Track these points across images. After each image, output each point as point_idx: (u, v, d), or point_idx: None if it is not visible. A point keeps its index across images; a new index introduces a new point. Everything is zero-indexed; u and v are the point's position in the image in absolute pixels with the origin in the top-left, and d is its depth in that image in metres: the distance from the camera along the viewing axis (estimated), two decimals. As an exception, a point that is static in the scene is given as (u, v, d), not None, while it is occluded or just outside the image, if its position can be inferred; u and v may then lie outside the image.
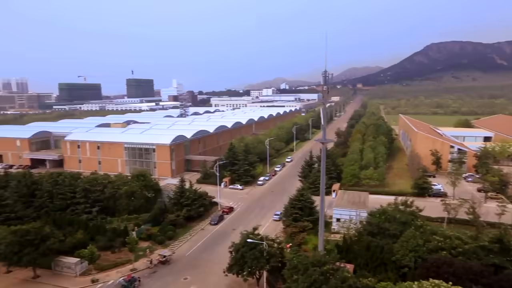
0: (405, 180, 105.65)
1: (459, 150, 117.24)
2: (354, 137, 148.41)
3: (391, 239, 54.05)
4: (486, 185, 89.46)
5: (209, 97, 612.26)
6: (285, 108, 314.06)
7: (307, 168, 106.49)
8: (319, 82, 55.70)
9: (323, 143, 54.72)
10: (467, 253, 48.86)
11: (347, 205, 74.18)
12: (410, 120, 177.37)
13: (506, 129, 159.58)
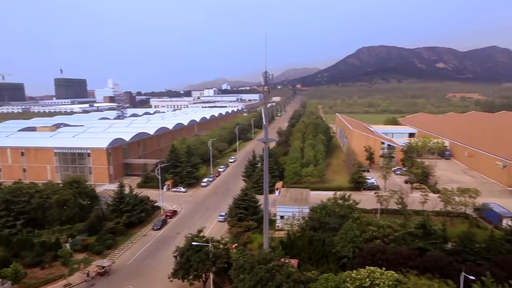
0: (343, 176, 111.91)
1: (388, 146, 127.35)
2: (294, 136, 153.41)
3: (331, 232, 56.85)
4: (412, 177, 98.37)
5: (148, 98, 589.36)
6: (227, 109, 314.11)
7: (251, 167, 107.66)
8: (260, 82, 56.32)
9: (265, 143, 55.69)
10: (397, 239, 53.25)
11: (290, 202, 76.41)
12: (345, 119, 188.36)
13: (426, 126, 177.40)
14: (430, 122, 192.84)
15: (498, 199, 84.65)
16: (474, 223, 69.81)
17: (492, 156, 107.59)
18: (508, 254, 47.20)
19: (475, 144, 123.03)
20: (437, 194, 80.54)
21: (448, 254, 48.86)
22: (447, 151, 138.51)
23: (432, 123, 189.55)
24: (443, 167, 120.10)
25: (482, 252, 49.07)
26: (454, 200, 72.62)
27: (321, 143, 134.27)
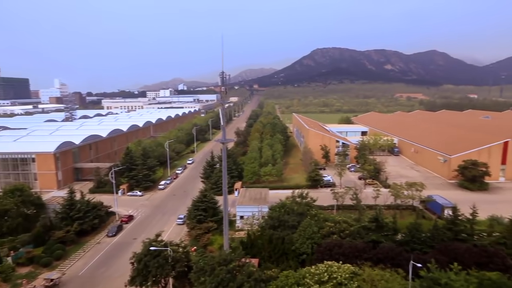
0: (300, 174, 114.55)
1: (343, 144, 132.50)
2: (252, 136, 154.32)
3: (290, 230, 57.95)
4: (365, 173, 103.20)
5: (100, 99, 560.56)
6: (184, 110, 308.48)
7: (209, 168, 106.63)
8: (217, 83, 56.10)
9: (223, 143, 55.42)
10: (353, 234, 55.57)
11: (249, 202, 76.73)
12: (302, 118, 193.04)
13: (377, 124, 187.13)
14: (380, 121, 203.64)
15: (440, 191, 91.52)
16: (420, 214, 74.80)
17: (435, 151, 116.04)
18: (449, 241, 51.10)
19: (420, 141, 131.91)
20: (388, 188, 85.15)
21: (398, 245, 51.86)
22: (396, 148, 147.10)
23: (382, 121, 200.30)
24: (393, 163, 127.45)
25: (428, 241, 52.66)
26: (403, 194, 77.35)
27: (279, 142, 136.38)
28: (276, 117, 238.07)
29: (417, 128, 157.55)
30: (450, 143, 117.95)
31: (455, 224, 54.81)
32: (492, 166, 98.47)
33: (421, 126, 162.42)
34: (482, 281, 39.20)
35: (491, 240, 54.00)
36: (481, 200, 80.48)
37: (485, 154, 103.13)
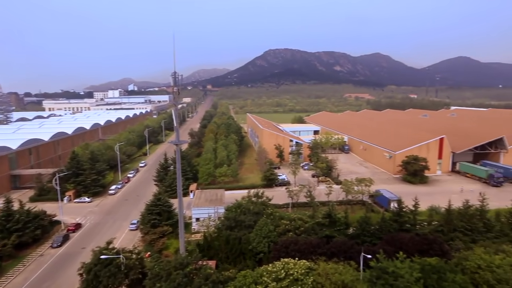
0: (256, 174, 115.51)
1: (296, 143, 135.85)
2: (207, 136, 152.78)
3: (247, 230, 58.20)
4: (318, 171, 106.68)
5: (40, 100, 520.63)
6: (135, 111, 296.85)
7: (163, 171, 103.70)
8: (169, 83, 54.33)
9: (177, 145, 54.19)
10: (308, 230, 57.18)
11: (205, 204, 75.86)
12: (256, 119, 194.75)
13: (328, 123, 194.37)
14: (331, 120, 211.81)
15: (387, 185, 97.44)
16: (369, 208, 78.97)
17: (381, 148, 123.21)
18: (395, 232, 54.54)
19: (368, 139, 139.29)
20: (340, 185, 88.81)
21: (350, 238, 54.35)
22: (346, 145, 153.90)
23: (333, 120, 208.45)
24: (344, 161, 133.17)
25: (376, 233, 55.81)
26: (353, 190, 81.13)
27: (234, 143, 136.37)
28: (230, 117, 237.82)
29: (365, 127, 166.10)
30: (394, 140, 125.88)
31: (400, 215, 58.56)
32: (430, 161, 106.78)
33: (368, 124, 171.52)
34: (424, 267, 42.38)
35: (431, 228, 58.57)
36: (422, 192, 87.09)
37: (424, 149, 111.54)
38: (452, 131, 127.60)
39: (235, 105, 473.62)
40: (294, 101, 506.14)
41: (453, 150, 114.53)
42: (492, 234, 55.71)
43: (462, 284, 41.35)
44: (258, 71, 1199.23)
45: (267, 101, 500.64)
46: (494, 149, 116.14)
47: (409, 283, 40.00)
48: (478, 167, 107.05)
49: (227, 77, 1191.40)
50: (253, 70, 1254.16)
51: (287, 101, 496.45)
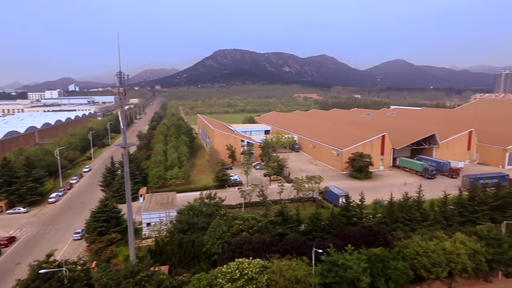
0: (208, 175, 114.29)
1: (248, 143, 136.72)
2: (156, 138, 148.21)
3: (200, 232, 57.36)
4: (269, 170, 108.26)
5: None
6: (77, 113, 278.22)
7: (109, 175, 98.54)
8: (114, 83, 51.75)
9: (124, 148, 51.85)
10: (261, 229, 57.83)
11: (156, 208, 73.47)
12: (207, 119, 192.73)
13: (279, 123, 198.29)
14: (281, 120, 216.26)
15: (335, 181, 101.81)
16: (319, 204, 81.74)
17: (329, 146, 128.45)
18: (344, 226, 57.25)
19: (316, 138, 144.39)
20: (291, 183, 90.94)
21: (302, 235, 55.99)
22: (296, 144, 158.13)
23: (283, 120, 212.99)
24: (294, 159, 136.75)
25: (326, 228, 58.10)
26: (304, 187, 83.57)
27: (184, 144, 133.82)
28: (181, 118, 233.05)
29: (313, 126, 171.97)
30: (341, 138, 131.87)
31: (348, 210, 61.53)
32: (374, 157, 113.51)
33: (317, 123, 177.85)
34: (370, 257, 45.09)
35: (375, 221, 62.30)
36: (367, 187, 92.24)
37: (368, 146, 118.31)
38: (392, 129, 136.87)
39: (185, 106, 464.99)
40: (244, 101, 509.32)
41: (393, 146, 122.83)
42: (427, 222, 60.71)
43: (403, 270, 44.65)
44: (208, 71, 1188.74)
45: (218, 102, 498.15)
46: (428, 144, 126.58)
47: (357, 273, 42.28)
48: (415, 161, 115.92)
49: (176, 77, 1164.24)
50: (203, 70, 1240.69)
51: (237, 102, 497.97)
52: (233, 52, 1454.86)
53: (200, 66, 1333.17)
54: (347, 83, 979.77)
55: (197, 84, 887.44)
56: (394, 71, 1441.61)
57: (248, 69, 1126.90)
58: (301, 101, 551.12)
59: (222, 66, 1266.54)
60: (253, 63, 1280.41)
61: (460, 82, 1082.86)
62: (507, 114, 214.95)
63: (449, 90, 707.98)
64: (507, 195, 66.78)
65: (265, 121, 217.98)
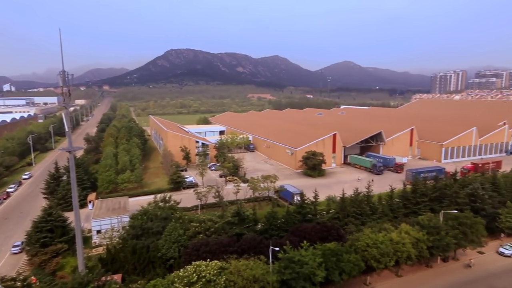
0: (162, 178, 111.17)
1: (203, 144, 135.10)
2: (106, 141, 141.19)
3: (155, 237, 55.61)
4: (225, 171, 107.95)
5: None
6: (14, 115, 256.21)
7: (53, 182, 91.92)
8: (57, 83, 48.14)
9: (70, 152, 48.72)
10: (218, 230, 57.43)
11: (107, 214, 69.93)
12: (159, 120, 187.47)
13: (233, 123, 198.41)
14: (236, 120, 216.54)
15: (290, 180, 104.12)
16: (275, 203, 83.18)
17: (283, 146, 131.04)
18: (299, 223, 58.71)
19: (271, 137, 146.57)
20: (247, 183, 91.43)
21: (259, 234, 56.48)
22: (251, 144, 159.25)
23: (237, 120, 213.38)
24: (249, 159, 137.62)
25: (283, 226, 59.18)
26: (260, 187, 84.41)
27: (136, 146, 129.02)
28: (132, 120, 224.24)
29: (268, 126, 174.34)
30: (295, 137, 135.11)
31: (303, 207, 63.19)
32: (326, 155, 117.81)
33: (271, 123, 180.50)
34: (324, 252, 46.73)
35: (329, 216, 64.67)
36: (320, 184, 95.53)
37: (321, 145, 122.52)
38: (343, 127, 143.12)
39: (137, 107, 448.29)
40: (198, 102, 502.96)
41: (344, 144, 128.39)
42: (376, 215, 64.26)
43: (355, 262, 46.84)
44: (159, 71, 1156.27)
45: (171, 102, 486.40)
46: (375, 142, 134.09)
47: (313, 268, 43.60)
48: (364, 158, 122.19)
49: (126, 77, 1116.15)
50: (155, 70, 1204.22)
51: (191, 102, 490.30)
52: (186, 52, 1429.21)
53: (152, 65, 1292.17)
54: (300, 84, 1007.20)
55: (148, 84, 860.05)
56: (343, 72, 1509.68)
57: (201, 69, 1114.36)
58: (255, 101, 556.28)
59: (175, 66, 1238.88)
60: (207, 63, 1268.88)
61: (401, 83, 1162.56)
62: (443, 112, 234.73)
63: (393, 91, 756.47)
64: (444, 186, 72.75)
65: (220, 122, 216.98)
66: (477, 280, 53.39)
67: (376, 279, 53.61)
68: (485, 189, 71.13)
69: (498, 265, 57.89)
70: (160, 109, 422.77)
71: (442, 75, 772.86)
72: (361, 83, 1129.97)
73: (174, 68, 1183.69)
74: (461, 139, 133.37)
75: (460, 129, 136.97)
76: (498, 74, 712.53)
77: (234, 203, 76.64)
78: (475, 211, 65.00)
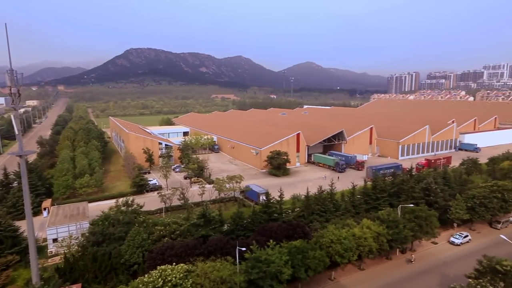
0: (124, 181, 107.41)
1: (166, 145, 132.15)
2: (62, 144, 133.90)
3: (117, 242, 53.56)
4: (189, 172, 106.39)
5: None
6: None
7: (2, 189, 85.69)
8: (4, 82, 44.73)
9: (21, 156, 45.65)
10: (183, 233, 56.39)
11: (64, 221, 66.32)
12: (120, 122, 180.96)
13: (197, 124, 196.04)
14: (200, 121, 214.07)
15: (256, 180, 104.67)
16: (241, 203, 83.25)
17: (248, 146, 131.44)
18: (265, 223, 59.14)
19: (235, 137, 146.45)
20: (212, 184, 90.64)
21: (226, 235, 56.19)
22: (216, 145, 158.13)
23: (201, 121, 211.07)
24: (214, 160, 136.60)
25: (249, 226, 59.32)
26: (225, 187, 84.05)
27: (96, 149, 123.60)
28: (90, 121, 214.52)
29: (232, 126, 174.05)
30: (259, 137, 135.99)
31: (269, 207, 63.71)
32: (290, 154, 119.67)
33: (235, 124, 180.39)
34: (290, 250, 47.45)
35: (294, 215, 65.75)
36: (285, 183, 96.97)
37: (285, 144, 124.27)
38: (306, 127, 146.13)
39: (95, 108, 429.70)
40: (161, 102, 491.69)
41: (307, 143, 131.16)
42: (339, 212, 66.26)
43: (320, 259, 48.00)
44: (119, 71, 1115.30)
45: (132, 103, 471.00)
46: (338, 140, 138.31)
47: (280, 267, 44.11)
48: (327, 157, 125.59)
49: (83, 76, 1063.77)
50: (114, 70, 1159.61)
51: (153, 103, 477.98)
52: (147, 51, 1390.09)
53: (111, 65, 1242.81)
54: (263, 84, 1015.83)
55: (108, 84, 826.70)
56: (305, 73, 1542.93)
57: (163, 69, 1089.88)
58: (219, 102, 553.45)
59: (135, 66, 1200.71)
60: (169, 63, 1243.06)
61: (360, 83, 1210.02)
62: (399, 111, 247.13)
63: (353, 91, 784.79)
64: (401, 182, 76.58)
65: (183, 123, 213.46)
66: (431, 269, 56.72)
67: (340, 273, 55.31)
68: (437, 183, 75.74)
69: (449, 254, 61.88)
70: (120, 110, 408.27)
71: (398, 76, 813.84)
72: (322, 84, 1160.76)
73: (135, 68, 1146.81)
74: (416, 136, 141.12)
75: (415, 127, 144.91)
76: (446, 75, 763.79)
77: (200, 204, 75.78)
78: (429, 204, 69.01)
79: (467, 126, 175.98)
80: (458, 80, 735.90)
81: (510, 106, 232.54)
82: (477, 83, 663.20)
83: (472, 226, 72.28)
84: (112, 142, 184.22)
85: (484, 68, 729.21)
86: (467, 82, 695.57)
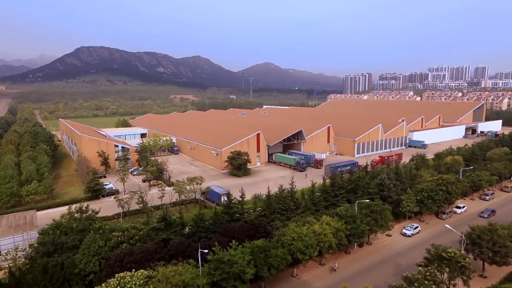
0: (77, 186, 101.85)
1: (123, 148, 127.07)
2: (5, 149, 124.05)
3: (71, 252, 50.63)
4: (148, 175, 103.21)
5: None
6: None
7: None
8: None
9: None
10: (143, 238, 54.57)
11: (9, 231, 61.53)
12: (72, 124, 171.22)
13: (155, 125, 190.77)
14: (158, 122, 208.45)
15: (216, 181, 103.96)
16: (202, 205, 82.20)
17: (208, 147, 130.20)
18: (227, 223, 58.96)
19: (195, 138, 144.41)
20: (172, 186, 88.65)
21: (187, 237, 55.20)
22: (175, 146, 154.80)
23: (160, 122, 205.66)
24: (174, 161, 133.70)
25: (211, 227, 58.78)
26: (185, 189, 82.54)
27: (45, 153, 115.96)
28: (38, 124, 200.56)
29: (192, 127, 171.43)
30: (219, 137, 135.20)
31: (230, 207, 63.57)
32: (251, 154, 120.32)
33: (195, 124, 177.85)
34: (253, 249, 47.69)
35: (256, 214, 66.21)
36: (246, 183, 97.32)
37: (245, 144, 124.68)
38: (266, 126, 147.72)
39: (43, 110, 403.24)
40: (116, 103, 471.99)
41: (268, 143, 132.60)
42: (300, 210, 67.75)
43: (282, 256, 48.75)
44: (70, 70, 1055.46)
45: (84, 104, 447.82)
46: (297, 140, 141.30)
47: (243, 267, 44.17)
48: (288, 156, 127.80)
49: (28, 76, 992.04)
50: (64, 69, 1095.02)
51: (108, 104, 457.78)
52: (100, 49, 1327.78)
53: (59, 64, 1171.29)
54: (222, 84, 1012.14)
55: (57, 84, 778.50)
56: (264, 73, 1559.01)
57: (118, 68, 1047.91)
58: (178, 102, 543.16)
59: (87, 65, 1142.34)
60: (124, 63, 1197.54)
61: (318, 84, 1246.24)
62: (354, 111, 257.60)
63: (310, 91, 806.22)
64: (357, 179, 80.00)
65: (141, 124, 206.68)
66: (386, 260, 59.81)
67: (302, 270, 56.56)
68: (390, 178, 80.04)
69: (402, 245, 65.64)
70: (72, 112, 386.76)
71: (352, 77, 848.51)
72: (281, 84, 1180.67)
73: (87, 67, 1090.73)
74: (370, 135, 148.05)
75: (369, 126, 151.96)
76: (396, 76, 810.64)
77: (160, 208, 73.85)
78: (383, 199, 72.71)
79: (416, 124, 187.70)
80: (407, 81, 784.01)
81: (452, 106, 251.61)
82: (423, 84, 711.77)
83: (422, 217, 77.17)
84: (63, 145, 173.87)
85: (428, 70, 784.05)
86: (415, 83, 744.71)
